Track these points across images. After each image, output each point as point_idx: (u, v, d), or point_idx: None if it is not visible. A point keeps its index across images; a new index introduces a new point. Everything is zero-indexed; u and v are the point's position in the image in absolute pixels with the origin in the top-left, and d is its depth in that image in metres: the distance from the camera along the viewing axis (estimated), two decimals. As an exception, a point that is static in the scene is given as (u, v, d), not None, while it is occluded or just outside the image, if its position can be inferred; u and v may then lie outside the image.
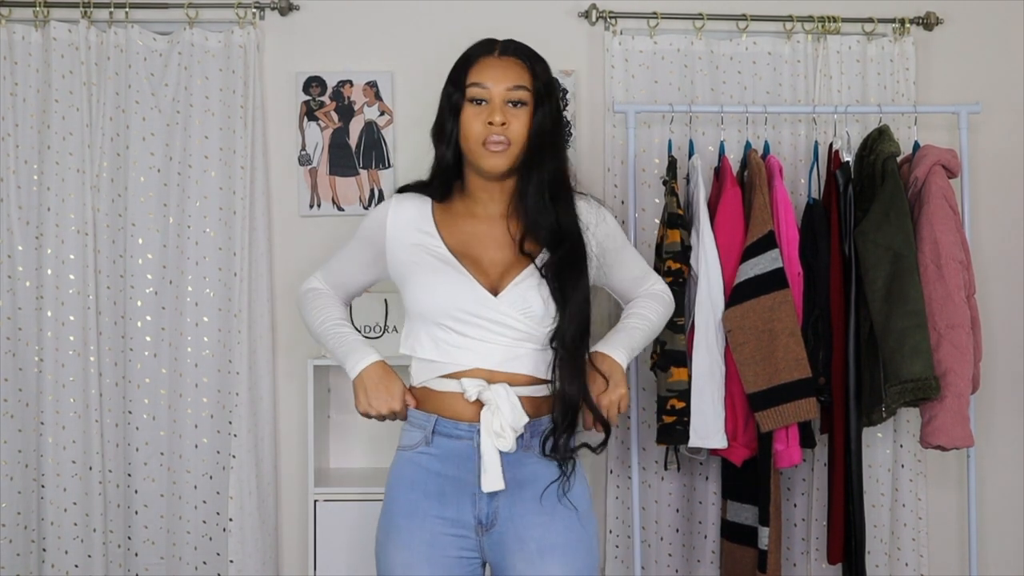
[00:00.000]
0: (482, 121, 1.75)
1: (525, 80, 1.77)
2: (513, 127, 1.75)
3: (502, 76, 1.76)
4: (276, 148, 2.82)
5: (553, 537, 1.74)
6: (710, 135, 2.80)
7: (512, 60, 1.78)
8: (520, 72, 1.77)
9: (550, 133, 1.78)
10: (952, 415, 2.41)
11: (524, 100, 1.76)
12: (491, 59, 1.78)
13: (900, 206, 2.47)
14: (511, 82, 1.76)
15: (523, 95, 1.76)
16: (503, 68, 1.77)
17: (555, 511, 1.75)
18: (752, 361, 2.43)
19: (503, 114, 1.74)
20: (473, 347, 1.75)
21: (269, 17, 2.81)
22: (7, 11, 2.69)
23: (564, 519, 1.76)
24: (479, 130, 1.75)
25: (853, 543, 2.56)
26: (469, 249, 1.80)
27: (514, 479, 1.74)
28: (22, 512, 2.70)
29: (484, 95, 1.76)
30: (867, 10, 2.87)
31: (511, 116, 1.75)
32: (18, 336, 2.68)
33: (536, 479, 1.75)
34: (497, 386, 1.72)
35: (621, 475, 2.78)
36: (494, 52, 1.79)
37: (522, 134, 1.76)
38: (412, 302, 1.80)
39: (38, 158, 2.69)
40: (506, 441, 1.70)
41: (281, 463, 2.81)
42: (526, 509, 1.74)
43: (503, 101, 1.75)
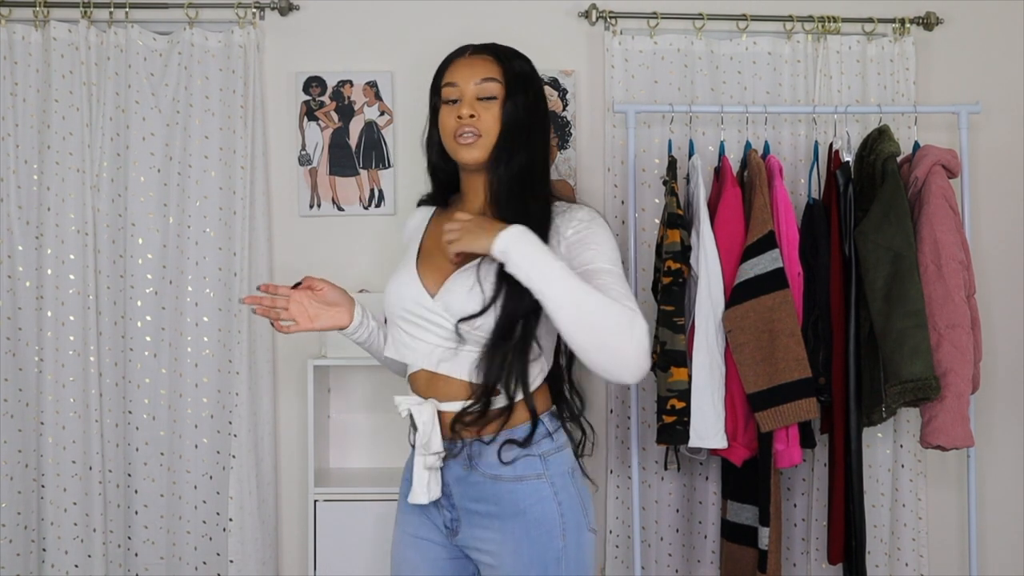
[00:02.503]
0: (454, 116, 1.77)
1: (494, 72, 1.77)
2: (483, 119, 1.75)
3: (470, 73, 1.78)
4: (276, 148, 2.82)
5: (503, 556, 1.71)
6: (710, 135, 2.80)
7: (482, 57, 1.80)
8: (489, 66, 1.78)
9: (523, 126, 1.76)
10: (952, 415, 2.41)
11: (494, 93, 1.76)
12: (463, 59, 1.81)
13: (900, 206, 2.47)
14: (479, 76, 1.77)
15: (493, 88, 1.76)
16: (472, 65, 1.79)
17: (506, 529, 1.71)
18: (752, 361, 2.43)
19: (472, 107, 1.75)
20: (415, 346, 1.76)
21: (269, 17, 2.81)
22: (7, 11, 2.69)
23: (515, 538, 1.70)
24: (451, 125, 1.77)
25: (853, 543, 2.56)
26: (437, 247, 1.80)
27: (465, 493, 1.74)
28: (22, 512, 2.70)
29: (456, 93, 1.78)
30: (867, 10, 2.87)
31: (481, 109, 1.76)
32: (18, 336, 2.68)
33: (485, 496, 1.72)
34: (424, 404, 1.73)
35: (621, 475, 2.78)
36: (466, 53, 1.82)
37: (493, 126, 1.76)
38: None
39: (38, 158, 2.69)
40: (424, 458, 1.72)
41: (281, 463, 2.81)
42: (480, 522, 1.73)
43: (474, 96, 1.77)
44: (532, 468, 1.71)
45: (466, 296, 1.69)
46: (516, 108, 1.76)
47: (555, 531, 1.70)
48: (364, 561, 2.52)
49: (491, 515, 1.72)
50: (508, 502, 1.71)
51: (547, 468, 1.72)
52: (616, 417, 2.78)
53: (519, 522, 1.70)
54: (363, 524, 2.53)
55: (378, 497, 2.54)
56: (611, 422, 2.79)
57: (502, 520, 1.71)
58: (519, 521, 1.70)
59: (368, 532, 2.53)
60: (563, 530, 1.70)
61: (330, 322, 1.87)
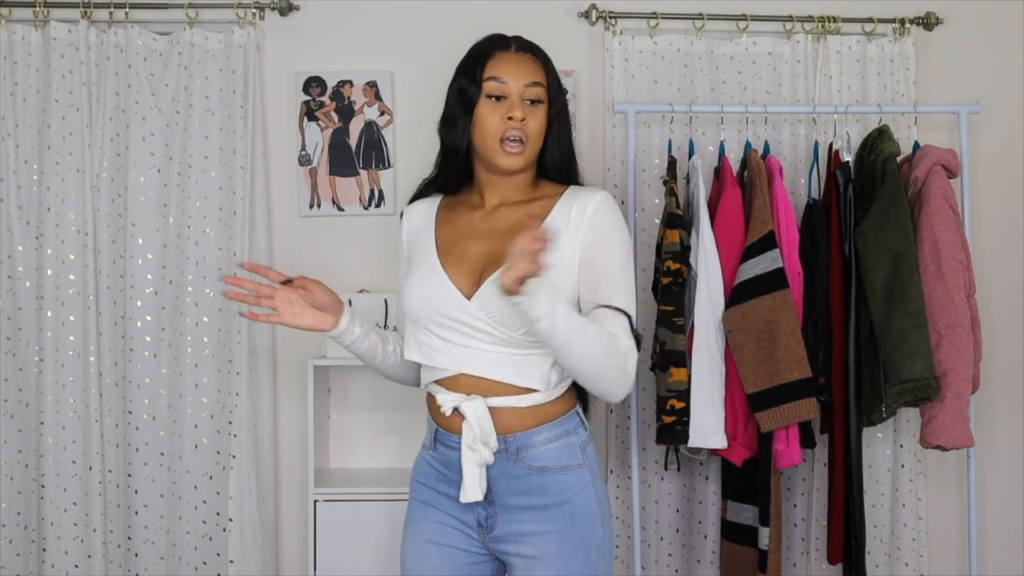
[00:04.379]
0: (500, 116, 1.73)
1: (541, 77, 1.77)
2: (530, 124, 1.74)
3: (520, 72, 1.74)
4: (276, 148, 2.82)
5: (547, 546, 1.72)
6: (710, 135, 2.80)
7: (529, 57, 1.78)
8: (537, 69, 1.77)
9: (561, 131, 1.81)
10: (952, 415, 2.41)
11: (541, 98, 1.76)
12: (508, 54, 1.76)
13: (900, 206, 2.47)
14: (529, 78, 1.75)
15: (540, 92, 1.76)
16: (520, 64, 1.75)
17: (550, 519, 1.72)
18: (752, 361, 2.43)
19: (523, 110, 1.73)
20: (451, 351, 1.73)
21: (269, 17, 2.81)
22: (7, 11, 2.69)
23: (559, 528, 1.72)
24: (497, 125, 1.73)
25: (853, 543, 2.55)
26: (457, 244, 1.77)
27: (508, 488, 1.73)
28: (22, 512, 2.70)
29: (503, 90, 1.74)
30: (867, 10, 2.87)
31: (529, 113, 1.74)
32: (18, 336, 2.68)
33: (530, 489, 1.73)
34: (472, 400, 1.70)
35: (621, 475, 2.78)
36: (510, 47, 1.78)
37: (538, 132, 1.75)
38: (401, 303, 1.83)
39: (38, 158, 2.69)
40: (479, 455, 1.69)
41: (281, 463, 2.81)
42: (521, 516, 1.73)
43: (521, 97, 1.74)
44: (574, 458, 1.75)
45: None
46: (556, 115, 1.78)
47: (596, 519, 1.75)
48: (364, 561, 2.53)
49: (533, 507, 1.72)
50: (553, 492, 1.72)
51: (586, 457, 1.77)
52: (616, 417, 2.78)
53: (564, 511, 1.72)
54: (363, 524, 2.53)
55: (378, 497, 2.54)
56: (611, 422, 2.79)
57: (546, 511, 1.72)
58: (564, 510, 1.72)
59: (368, 532, 2.53)
60: (601, 518, 1.76)
61: (312, 323, 1.81)
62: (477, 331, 1.70)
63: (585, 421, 1.82)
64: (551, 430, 1.73)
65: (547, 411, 1.73)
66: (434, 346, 1.74)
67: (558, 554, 1.71)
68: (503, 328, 1.68)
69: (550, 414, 1.74)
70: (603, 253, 1.72)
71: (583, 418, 1.82)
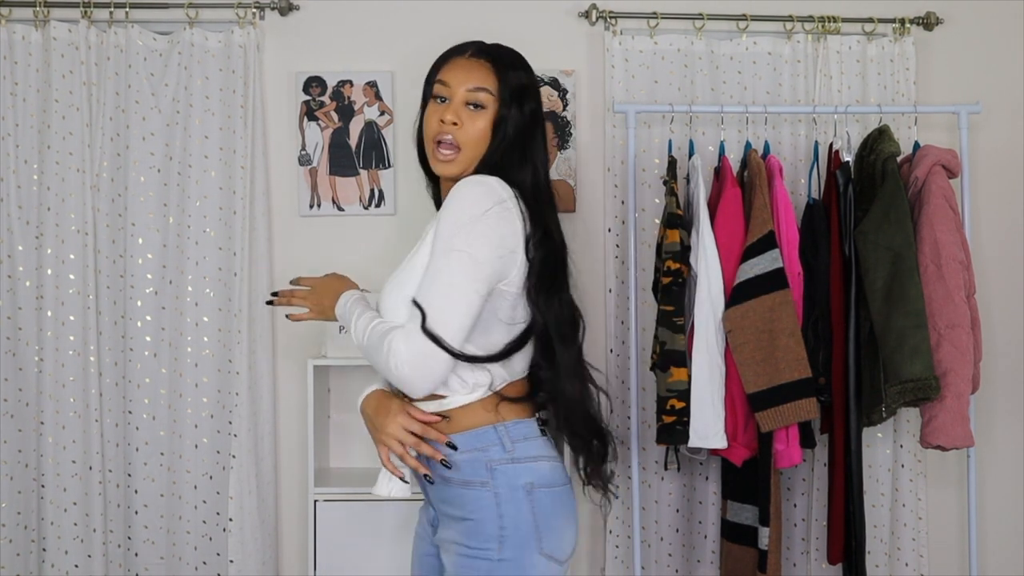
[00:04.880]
0: (439, 117, 1.71)
1: (489, 83, 1.71)
2: (466, 129, 1.70)
3: (465, 76, 1.72)
4: (276, 148, 2.82)
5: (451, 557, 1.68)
6: (710, 135, 2.80)
7: (481, 62, 1.73)
8: (485, 74, 1.71)
9: (515, 142, 1.70)
10: (952, 415, 2.41)
11: (484, 103, 1.70)
12: (461, 59, 1.74)
13: (900, 206, 2.47)
14: (473, 83, 1.71)
15: (483, 98, 1.70)
16: (468, 68, 1.72)
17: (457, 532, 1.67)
18: (752, 361, 2.43)
19: (457, 114, 1.70)
20: None
21: (269, 17, 2.81)
22: (7, 11, 2.69)
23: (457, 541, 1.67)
24: (434, 127, 1.72)
25: (853, 543, 2.55)
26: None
27: (436, 494, 1.72)
28: (22, 512, 2.70)
29: (446, 93, 1.72)
30: (867, 10, 2.87)
31: (466, 117, 1.70)
32: (18, 336, 2.68)
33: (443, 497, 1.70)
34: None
35: (621, 475, 2.78)
36: (466, 53, 1.75)
37: (475, 138, 1.70)
38: None
39: (38, 158, 2.69)
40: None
41: (281, 463, 2.81)
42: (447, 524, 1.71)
43: (463, 102, 1.71)
44: (477, 475, 1.65)
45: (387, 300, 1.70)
46: (507, 123, 1.70)
47: (491, 543, 1.63)
48: (364, 561, 2.52)
49: (451, 516, 1.69)
50: (458, 504, 1.67)
51: (493, 477, 1.65)
52: (616, 417, 2.78)
53: (462, 527, 1.66)
54: (363, 524, 2.53)
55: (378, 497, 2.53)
56: (611, 422, 2.78)
57: (455, 523, 1.68)
58: (462, 526, 1.66)
59: (368, 532, 2.53)
60: (500, 543, 1.63)
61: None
62: None
63: (509, 442, 1.67)
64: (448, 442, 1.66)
65: (451, 422, 1.67)
66: None
67: (452, 567, 1.67)
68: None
69: (455, 426, 1.67)
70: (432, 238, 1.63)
71: (507, 438, 1.67)
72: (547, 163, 1.77)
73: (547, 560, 1.65)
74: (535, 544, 1.64)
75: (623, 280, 2.79)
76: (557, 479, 1.70)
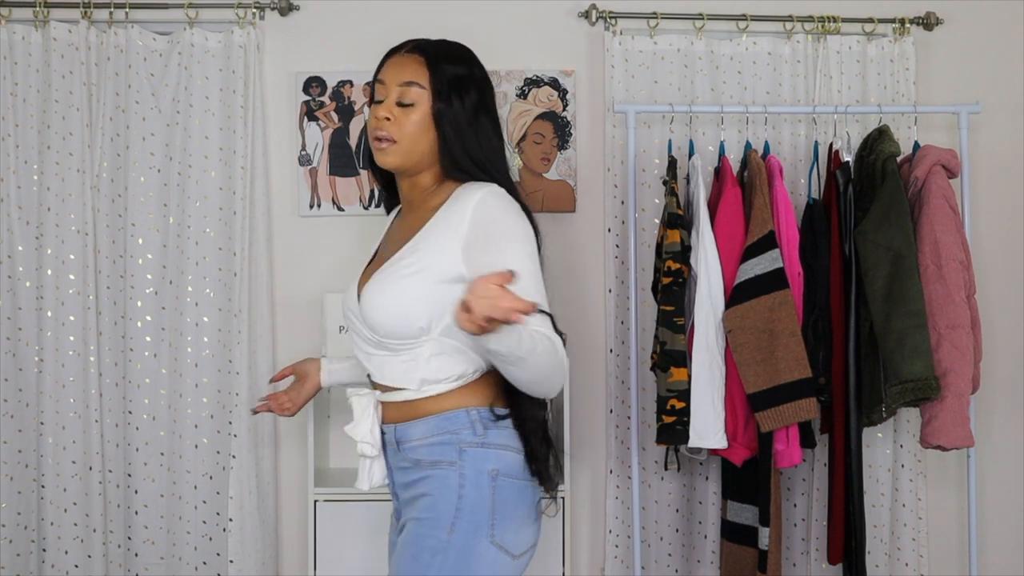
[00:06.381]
0: (375, 115, 1.74)
1: (420, 77, 1.71)
2: (400, 123, 1.71)
3: (396, 74, 1.73)
4: (276, 148, 2.82)
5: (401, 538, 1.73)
6: (710, 135, 2.80)
7: (412, 57, 1.74)
8: (416, 69, 1.72)
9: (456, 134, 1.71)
10: (952, 415, 2.41)
11: (414, 100, 1.71)
12: (396, 56, 1.76)
13: (900, 206, 2.47)
14: (403, 79, 1.72)
15: (414, 94, 1.71)
16: (400, 66, 1.74)
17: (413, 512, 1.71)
18: (752, 361, 2.43)
19: (389, 110, 1.72)
20: (357, 354, 1.81)
21: (269, 17, 2.81)
22: (7, 11, 2.69)
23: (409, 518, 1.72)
24: (371, 124, 1.75)
25: (853, 543, 2.55)
26: (383, 250, 1.82)
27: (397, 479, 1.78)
28: (22, 512, 2.70)
29: (382, 92, 1.75)
30: (867, 10, 2.87)
31: (398, 113, 1.72)
32: (18, 336, 2.68)
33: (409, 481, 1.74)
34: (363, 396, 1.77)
35: (621, 475, 2.78)
36: (401, 51, 1.76)
37: (410, 132, 1.71)
38: None
39: (38, 158, 2.69)
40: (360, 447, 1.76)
41: (281, 463, 2.81)
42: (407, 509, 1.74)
43: (395, 99, 1.73)
44: (447, 455, 1.68)
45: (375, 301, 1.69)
46: (443, 116, 1.71)
47: (443, 521, 1.65)
48: (364, 561, 2.52)
49: (412, 498, 1.72)
50: (422, 484, 1.70)
51: (461, 458, 1.68)
52: (616, 417, 2.78)
53: (420, 504, 1.69)
54: (363, 524, 2.53)
55: (378, 497, 2.54)
56: (611, 422, 2.79)
57: (414, 503, 1.72)
58: (421, 503, 1.69)
59: (368, 532, 2.53)
60: (452, 524, 1.65)
61: (309, 393, 2.08)
62: (360, 334, 1.76)
63: (480, 426, 1.70)
64: (427, 425, 1.70)
65: (420, 406, 1.71)
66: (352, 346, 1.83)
67: (399, 548, 1.70)
68: (372, 332, 1.71)
69: (425, 409, 1.71)
70: (496, 254, 1.61)
71: (478, 422, 1.70)
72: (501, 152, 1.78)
73: (497, 549, 1.66)
74: (486, 531, 1.65)
75: (623, 280, 2.79)
76: (522, 472, 1.72)
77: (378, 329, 1.69)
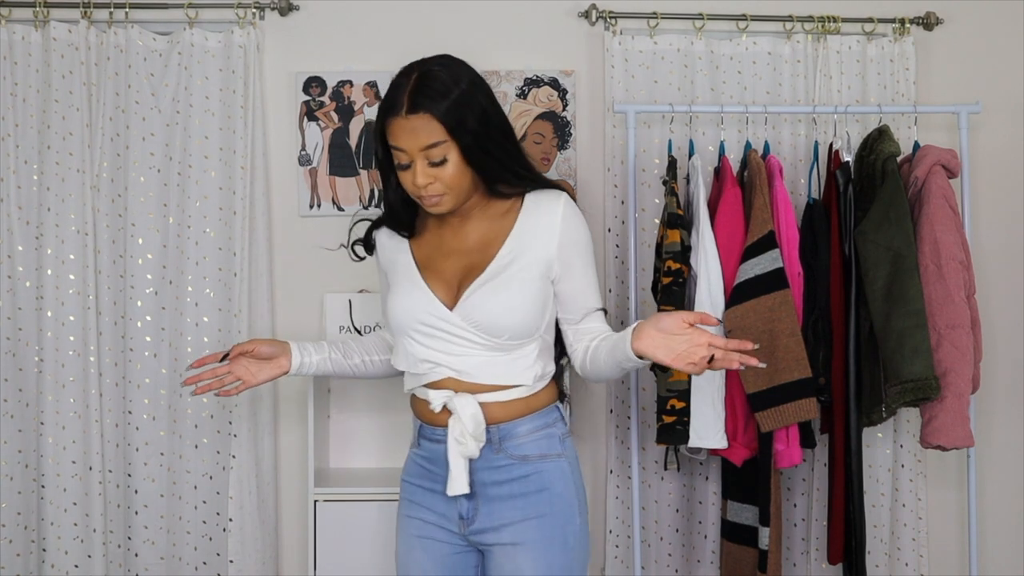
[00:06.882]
0: (411, 181, 1.79)
1: (436, 134, 1.74)
2: (441, 178, 1.77)
3: (413, 140, 1.75)
4: (276, 148, 2.82)
5: (526, 532, 1.81)
6: (710, 135, 2.80)
7: (419, 117, 1.74)
8: (429, 129, 1.74)
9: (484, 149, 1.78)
10: (952, 415, 2.41)
11: (444, 156, 1.76)
12: (399, 120, 1.75)
13: (900, 206, 2.47)
14: (423, 143, 1.74)
15: (440, 152, 1.75)
16: (412, 131, 1.74)
17: (530, 506, 1.81)
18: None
19: (424, 175, 1.76)
20: (437, 358, 1.84)
21: (269, 17, 2.81)
22: (7, 11, 2.69)
23: (538, 514, 1.81)
24: (411, 189, 1.80)
25: (853, 543, 2.56)
26: (432, 261, 1.89)
27: (489, 478, 1.82)
28: (22, 512, 2.70)
29: (405, 159, 1.77)
30: (867, 10, 2.87)
31: (434, 173, 1.77)
32: (18, 336, 2.68)
33: (511, 477, 1.82)
34: (461, 396, 1.80)
35: (621, 475, 2.78)
36: (401, 112, 1.75)
37: (453, 178, 1.78)
38: (385, 315, 1.93)
39: (38, 158, 2.69)
40: (466, 448, 1.79)
41: (281, 463, 2.81)
42: (502, 506, 1.82)
43: (425, 162, 1.76)
44: (553, 448, 1.85)
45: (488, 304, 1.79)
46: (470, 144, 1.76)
47: (574, 509, 1.84)
48: (364, 561, 2.52)
49: (514, 495, 1.81)
50: (534, 480, 1.81)
51: (565, 449, 1.87)
52: (616, 417, 2.78)
53: (544, 497, 1.81)
54: (363, 524, 2.53)
55: (378, 497, 2.54)
56: (611, 422, 2.79)
57: (526, 498, 1.81)
58: (544, 496, 1.81)
59: (368, 532, 2.53)
60: (579, 509, 1.85)
61: (271, 373, 2.02)
62: (460, 338, 1.81)
63: (565, 417, 1.92)
64: (533, 421, 1.84)
65: (529, 403, 1.84)
66: (419, 354, 1.85)
67: (538, 540, 1.80)
68: (487, 336, 1.80)
69: (532, 406, 1.84)
70: (579, 260, 1.85)
71: (563, 413, 1.92)
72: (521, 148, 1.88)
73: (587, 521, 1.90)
74: (587, 509, 1.89)
75: (623, 280, 2.79)
76: None
77: (499, 331, 1.79)
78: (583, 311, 1.88)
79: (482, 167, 1.79)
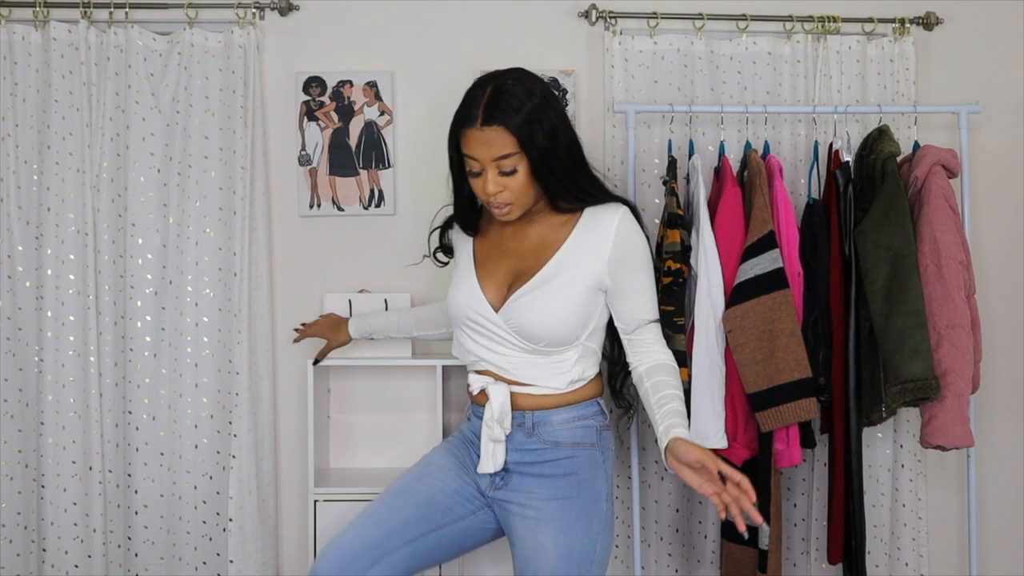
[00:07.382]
0: (481, 188, 1.91)
1: (509, 146, 1.85)
2: (510, 188, 1.89)
3: (487, 151, 1.86)
4: (276, 148, 2.82)
5: (550, 510, 1.91)
6: (710, 135, 2.80)
7: (493, 131, 1.85)
8: (503, 141, 1.85)
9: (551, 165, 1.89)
10: (952, 415, 2.41)
11: (515, 166, 1.87)
12: (474, 131, 1.86)
13: (900, 206, 2.47)
14: (495, 154, 1.86)
15: (512, 162, 1.87)
16: (486, 142, 1.85)
17: (557, 487, 1.93)
18: (752, 361, 2.43)
19: (495, 183, 1.88)
20: (480, 352, 2.00)
21: (269, 17, 2.81)
22: (7, 11, 2.69)
23: (565, 495, 1.92)
24: (481, 195, 1.94)
25: (853, 543, 2.56)
26: (489, 258, 2.02)
27: (522, 459, 1.96)
28: (22, 512, 2.70)
29: (477, 167, 1.90)
30: (867, 10, 2.87)
31: (504, 183, 1.89)
32: (18, 336, 2.68)
33: (542, 459, 1.95)
34: (497, 384, 1.96)
35: (621, 475, 2.78)
36: (476, 124, 1.86)
37: (522, 189, 1.90)
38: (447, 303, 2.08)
39: (38, 158, 2.69)
40: (491, 432, 1.93)
41: (281, 463, 2.81)
42: (532, 482, 1.94)
43: (496, 171, 1.87)
44: (588, 437, 1.98)
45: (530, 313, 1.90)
46: (537, 159, 1.87)
47: (601, 495, 1.94)
48: (364, 561, 2.52)
49: (544, 475, 1.94)
50: (564, 464, 1.94)
51: (600, 440, 2.00)
52: (616, 417, 2.78)
53: (571, 481, 1.93)
54: (363, 524, 2.53)
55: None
56: (611, 422, 2.79)
57: (554, 479, 1.93)
58: (571, 480, 1.93)
59: (368, 532, 2.52)
60: (606, 496, 1.96)
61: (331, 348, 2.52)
62: (502, 339, 1.95)
63: (606, 411, 2.05)
64: (569, 412, 1.97)
65: (567, 397, 1.97)
66: (467, 346, 2.02)
67: (561, 519, 1.90)
68: (525, 341, 1.92)
69: (570, 399, 1.98)
70: (635, 272, 1.96)
71: (604, 408, 2.05)
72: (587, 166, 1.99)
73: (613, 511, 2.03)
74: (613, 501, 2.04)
75: (623, 280, 2.79)
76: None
77: (538, 339, 1.91)
78: (635, 323, 2.00)
79: (545, 182, 1.90)
